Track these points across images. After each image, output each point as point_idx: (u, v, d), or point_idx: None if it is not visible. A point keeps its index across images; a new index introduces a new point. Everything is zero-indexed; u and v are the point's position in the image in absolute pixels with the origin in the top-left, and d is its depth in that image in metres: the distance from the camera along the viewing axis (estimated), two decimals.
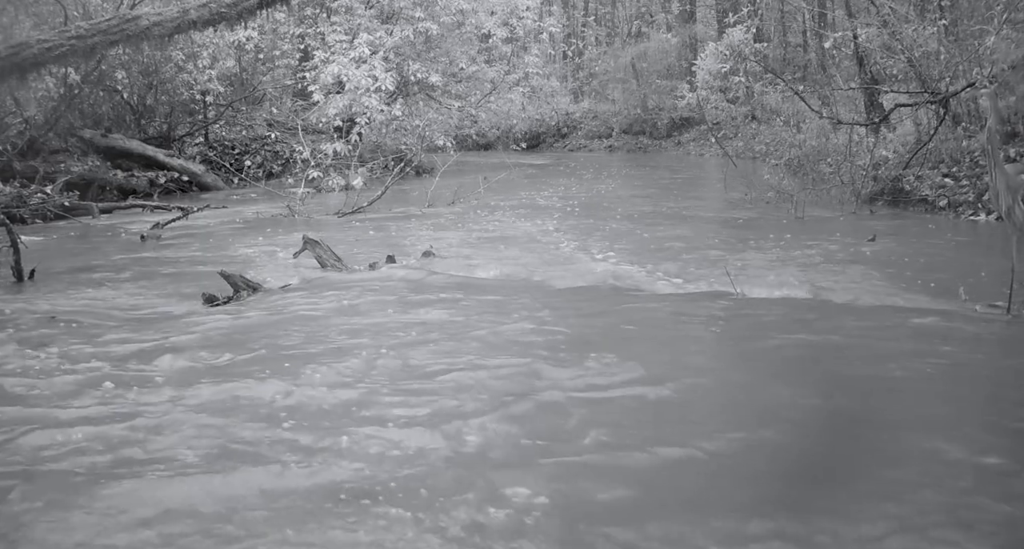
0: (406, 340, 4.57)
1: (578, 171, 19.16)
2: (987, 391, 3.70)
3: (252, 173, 15.70)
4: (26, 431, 3.28)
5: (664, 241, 8.29)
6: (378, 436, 3.15)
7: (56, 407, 3.58)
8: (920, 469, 2.83)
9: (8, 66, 7.73)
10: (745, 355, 4.17)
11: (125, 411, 3.49)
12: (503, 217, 10.65)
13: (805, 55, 24.08)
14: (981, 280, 5.67)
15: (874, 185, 10.54)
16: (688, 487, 2.77)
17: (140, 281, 6.70)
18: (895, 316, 4.91)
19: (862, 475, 2.82)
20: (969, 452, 2.96)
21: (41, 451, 3.10)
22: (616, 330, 4.81)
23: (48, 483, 2.81)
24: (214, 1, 8.68)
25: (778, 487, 2.80)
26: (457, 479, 2.79)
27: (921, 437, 3.12)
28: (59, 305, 5.77)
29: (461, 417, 3.34)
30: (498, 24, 19.39)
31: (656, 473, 2.87)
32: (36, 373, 4.08)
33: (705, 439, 3.13)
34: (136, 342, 4.64)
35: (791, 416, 3.42)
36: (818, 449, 3.12)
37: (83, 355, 4.37)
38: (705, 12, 32.05)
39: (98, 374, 4.02)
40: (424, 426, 3.25)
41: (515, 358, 4.15)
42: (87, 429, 3.29)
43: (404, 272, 6.70)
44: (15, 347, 4.58)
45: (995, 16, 10.02)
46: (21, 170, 12.41)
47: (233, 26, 10.71)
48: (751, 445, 3.11)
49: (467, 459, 2.97)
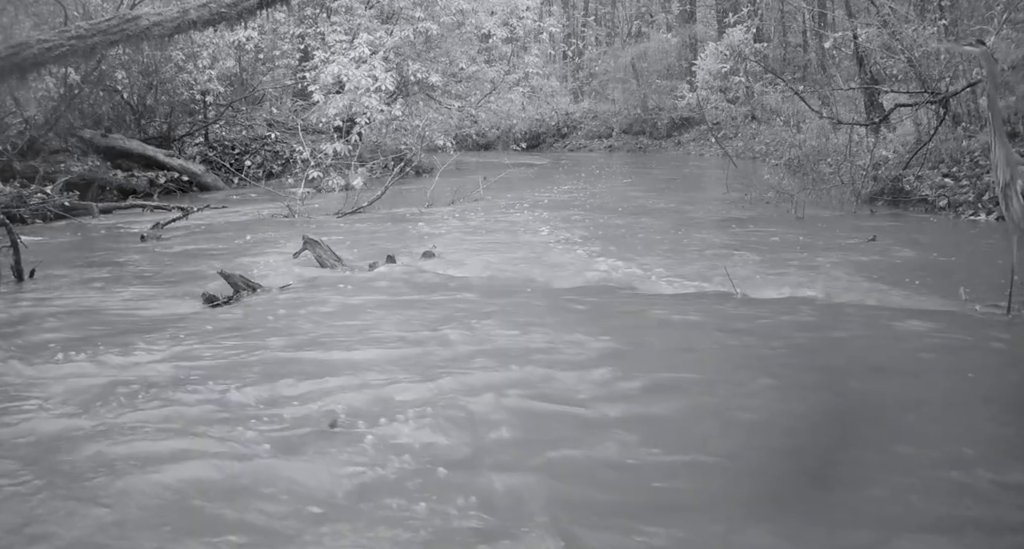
0: (406, 340, 4.57)
1: (578, 171, 19.16)
2: (988, 391, 3.70)
3: (252, 173, 15.71)
4: (27, 430, 3.28)
5: (664, 241, 8.29)
6: (378, 436, 3.15)
7: (56, 407, 3.58)
8: (920, 470, 2.83)
9: (8, 66, 7.74)
10: (745, 355, 4.16)
11: (125, 411, 3.49)
12: (503, 217, 10.65)
13: (805, 55, 24.10)
14: (981, 280, 5.66)
15: (874, 185, 10.54)
16: (688, 487, 2.77)
17: (140, 281, 6.70)
18: (895, 316, 4.91)
19: (862, 476, 2.82)
20: (969, 453, 2.96)
21: (41, 451, 3.09)
22: (616, 330, 4.80)
23: (48, 483, 2.81)
24: (214, 1, 8.69)
25: (777, 489, 2.80)
26: (457, 479, 2.79)
27: (921, 438, 3.12)
28: (59, 305, 5.77)
29: (461, 417, 3.34)
30: (498, 24, 19.42)
31: (655, 474, 2.86)
32: (36, 373, 4.08)
33: (704, 439, 3.13)
34: (136, 342, 4.63)
35: (790, 416, 3.41)
36: (817, 450, 3.12)
37: (83, 355, 4.37)
38: (705, 12, 32.07)
39: (98, 374, 4.02)
40: (424, 426, 3.25)
41: (515, 358, 4.15)
42: (87, 429, 3.29)
43: (404, 272, 6.70)
44: (15, 347, 4.58)
45: (995, 16, 10.02)
46: (21, 170, 12.42)
47: (233, 26, 10.71)
48: (750, 445, 3.11)
49: (467, 459, 2.97)
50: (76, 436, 3.22)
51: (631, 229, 9.32)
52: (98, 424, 3.35)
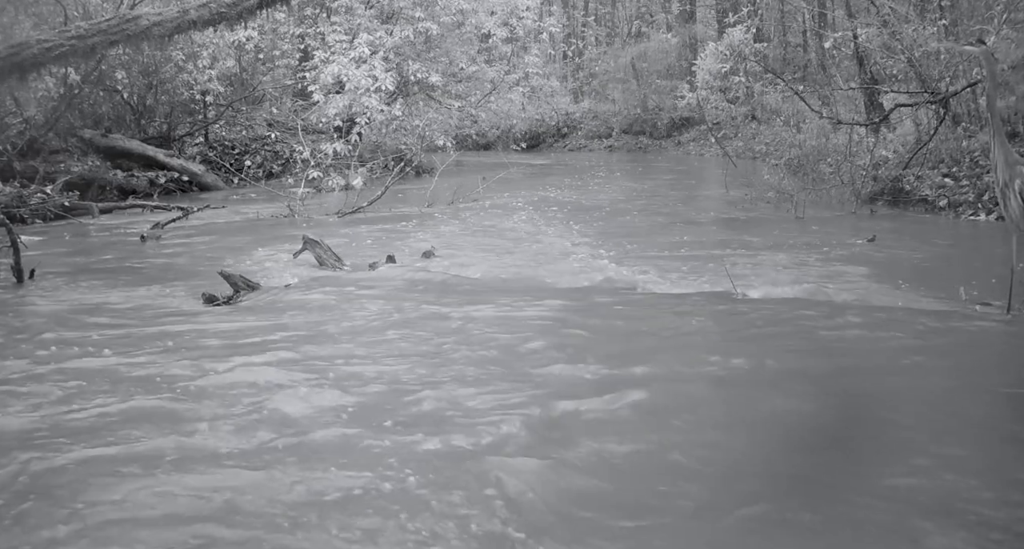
0: (406, 340, 4.57)
1: (578, 171, 19.16)
2: (988, 391, 3.70)
3: (252, 173, 15.71)
4: (26, 431, 3.28)
5: (664, 241, 8.30)
6: (378, 436, 3.15)
7: (56, 407, 3.58)
8: (920, 471, 2.83)
9: (8, 66, 7.74)
10: (745, 355, 4.16)
11: (125, 411, 3.49)
12: (503, 217, 10.64)
13: (805, 55, 24.11)
14: (981, 280, 5.67)
15: (874, 185, 10.55)
16: (687, 488, 2.77)
17: (140, 281, 6.70)
18: (895, 316, 4.91)
19: (861, 477, 2.82)
20: (969, 453, 2.96)
21: (41, 451, 3.09)
22: (616, 330, 4.81)
23: (50, 482, 2.81)
24: (214, 1, 8.69)
25: (776, 489, 2.80)
26: (457, 479, 2.79)
27: (921, 438, 3.12)
28: (59, 305, 5.77)
29: (461, 416, 3.34)
30: (498, 24, 19.42)
31: (654, 474, 2.86)
32: (36, 373, 4.08)
33: (704, 439, 3.13)
34: (136, 342, 4.64)
35: (790, 416, 3.41)
36: (817, 450, 3.12)
37: (83, 355, 4.37)
38: (705, 12, 32.07)
39: (98, 374, 4.02)
40: (424, 426, 3.25)
41: (514, 358, 4.15)
42: (87, 429, 3.30)
43: (404, 272, 6.70)
44: (15, 347, 4.58)
45: (995, 16, 10.02)
46: (21, 170, 12.41)
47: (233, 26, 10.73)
48: (750, 446, 3.11)
49: (467, 459, 2.97)
50: (73, 438, 3.22)
51: (631, 229, 9.32)
52: (97, 424, 3.35)
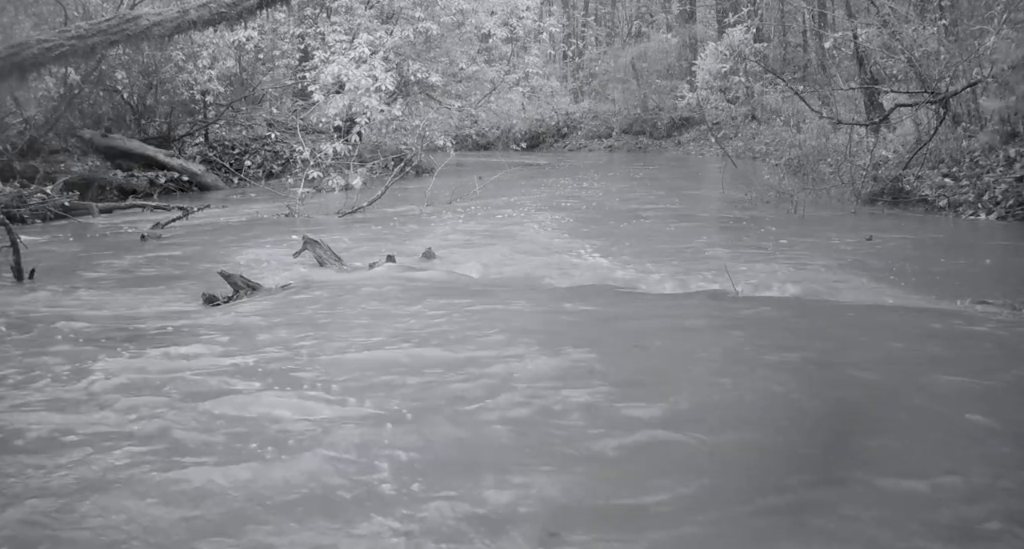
0: (406, 340, 4.57)
1: (578, 171, 19.16)
2: (988, 389, 3.70)
3: (252, 173, 15.71)
4: (27, 431, 3.28)
5: (664, 240, 8.30)
6: (378, 435, 3.15)
7: (56, 407, 3.58)
8: (920, 471, 2.83)
9: (8, 66, 7.73)
10: (744, 355, 4.16)
11: (125, 411, 3.49)
12: (503, 217, 10.65)
13: (805, 55, 24.10)
14: (981, 280, 5.67)
15: (874, 185, 10.55)
16: (688, 488, 2.77)
17: (140, 281, 6.70)
18: (895, 315, 4.91)
19: (861, 477, 2.81)
20: (969, 453, 2.96)
21: (42, 450, 3.09)
22: (616, 330, 4.81)
23: (50, 482, 2.81)
24: (214, 1, 8.69)
25: (776, 489, 2.79)
26: (456, 479, 2.79)
27: (921, 438, 3.11)
28: (59, 305, 5.77)
29: (460, 416, 3.34)
30: (498, 24, 19.39)
31: (653, 474, 2.86)
32: (36, 373, 4.08)
33: (703, 439, 3.13)
34: (136, 342, 4.64)
35: (790, 416, 3.41)
36: (817, 450, 3.12)
37: (83, 355, 4.36)
38: (705, 12, 32.06)
39: (97, 374, 4.02)
40: (424, 425, 3.25)
41: (514, 358, 4.15)
42: (87, 429, 3.29)
43: (404, 272, 6.70)
44: (15, 347, 4.58)
45: (995, 16, 10.03)
46: (21, 170, 12.41)
47: (233, 26, 10.72)
48: (750, 446, 3.11)
49: (466, 459, 2.97)
50: (73, 438, 3.22)
51: (631, 228, 9.32)
52: (97, 424, 3.35)
